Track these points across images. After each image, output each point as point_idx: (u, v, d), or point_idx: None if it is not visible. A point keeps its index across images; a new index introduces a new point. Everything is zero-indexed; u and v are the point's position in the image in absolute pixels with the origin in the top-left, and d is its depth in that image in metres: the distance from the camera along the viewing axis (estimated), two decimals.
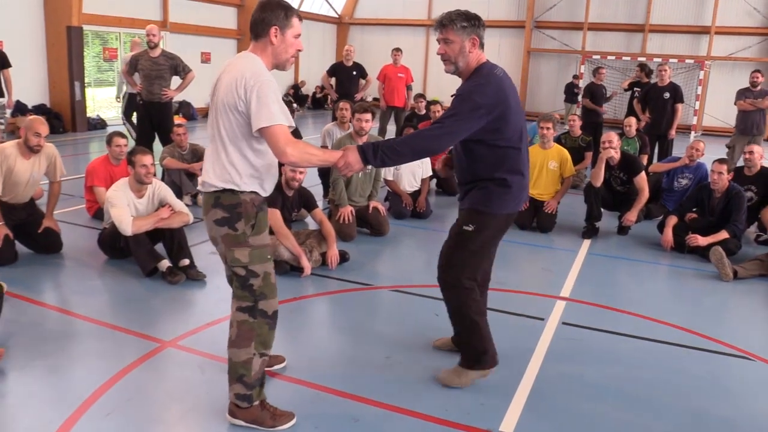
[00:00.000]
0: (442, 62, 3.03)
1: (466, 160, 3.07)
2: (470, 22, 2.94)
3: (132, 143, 7.49)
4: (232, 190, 2.60)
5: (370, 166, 5.89)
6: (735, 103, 8.88)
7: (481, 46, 2.99)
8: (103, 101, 14.68)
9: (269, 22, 2.60)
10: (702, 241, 5.61)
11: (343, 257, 5.08)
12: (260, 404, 2.81)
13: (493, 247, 3.22)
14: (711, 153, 7.36)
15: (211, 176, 2.62)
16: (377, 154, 2.76)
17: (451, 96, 3.00)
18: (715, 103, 17.75)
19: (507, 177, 3.00)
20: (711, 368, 3.62)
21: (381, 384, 3.24)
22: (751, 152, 6.34)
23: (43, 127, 4.84)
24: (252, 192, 2.65)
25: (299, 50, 2.71)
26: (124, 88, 9.97)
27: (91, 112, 13.33)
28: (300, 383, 3.23)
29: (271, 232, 4.84)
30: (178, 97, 12.47)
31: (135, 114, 9.44)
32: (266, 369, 3.24)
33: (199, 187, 2.79)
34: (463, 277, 3.08)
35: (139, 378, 3.20)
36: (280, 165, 5.23)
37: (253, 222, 2.65)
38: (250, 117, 2.52)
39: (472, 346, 3.20)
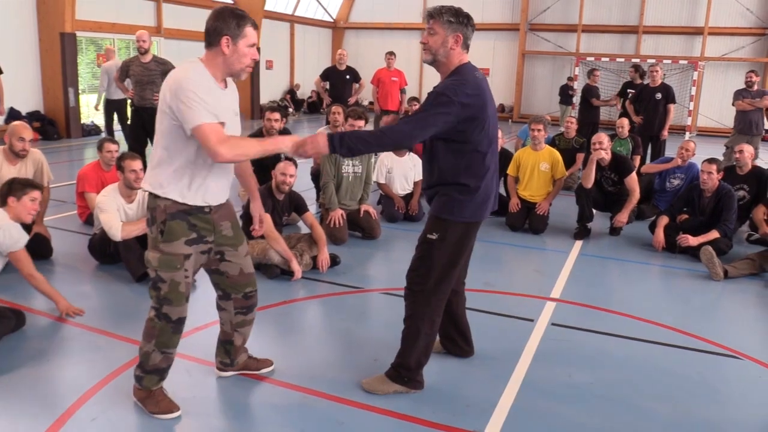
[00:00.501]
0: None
1: (429, 163, 3.01)
2: (458, 18, 2.90)
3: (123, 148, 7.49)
4: (154, 194, 2.68)
5: (360, 169, 5.87)
6: (733, 104, 8.90)
7: (466, 46, 2.95)
8: None
9: (221, 31, 2.59)
10: (693, 241, 5.62)
11: (334, 261, 5.08)
12: (151, 392, 2.92)
13: (461, 256, 3.07)
14: (706, 153, 7.36)
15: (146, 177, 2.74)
16: (343, 142, 2.69)
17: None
18: (710, 104, 17.82)
19: (470, 183, 2.92)
20: (700, 368, 3.63)
21: None
22: (741, 151, 6.37)
23: (27, 132, 4.85)
24: (166, 199, 2.67)
25: (255, 59, 2.69)
26: (103, 95, 10.24)
27: (86, 119, 13.33)
28: (287, 386, 3.23)
29: (262, 236, 4.85)
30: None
31: (115, 116, 10.19)
32: (254, 373, 3.27)
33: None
34: (427, 285, 3.01)
35: (126, 382, 3.18)
36: (269, 170, 5.25)
37: (162, 228, 2.68)
38: (181, 123, 2.55)
39: (408, 363, 3.10)
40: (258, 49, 2.73)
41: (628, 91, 10.17)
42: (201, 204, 2.73)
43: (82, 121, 12.78)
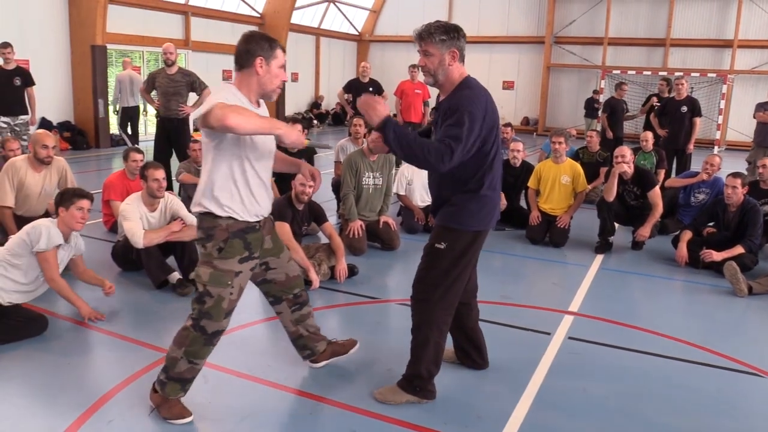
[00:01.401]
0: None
1: (439, 174, 2.99)
2: (449, 35, 2.88)
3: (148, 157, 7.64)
4: (213, 215, 2.76)
5: (381, 181, 5.88)
6: (754, 116, 8.77)
7: (462, 58, 2.94)
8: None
9: (254, 52, 2.71)
10: (717, 256, 5.52)
11: (352, 271, 5.11)
12: (167, 398, 2.94)
13: (468, 266, 3.06)
14: (733, 168, 7.21)
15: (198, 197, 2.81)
16: (396, 128, 2.74)
17: (433, 109, 3.00)
18: (739, 118, 17.52)
19: (480, 192, 2.94)
20: (720, 384, 3.56)
21: None
22: (764, 166, 6.25)
23: (50, 139, 4.99)
24: (228, 218, 2.76)
25: (284, 80, 2.82)
26: (118, 104, 11.55)
27: (114, 129, 13.61)
28: (301, 394, 3.26)
29: None
30: (198, 114, 12.89)
31: (129, 124, 11.72)
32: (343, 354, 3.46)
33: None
34: (434, 295, 3.01)
35: (144, 386, 3.24)
36: (289, 180, 5.32)
37: (222, 246, 2.77)
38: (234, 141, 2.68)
39: (419, 372, 3.10)
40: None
41: (653, 97, 10.08)
42: (254, 220, 2.85)
43: (111, 132, 13.07)
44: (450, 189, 2.98)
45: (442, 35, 2.89)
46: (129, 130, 11.89)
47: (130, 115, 11.48)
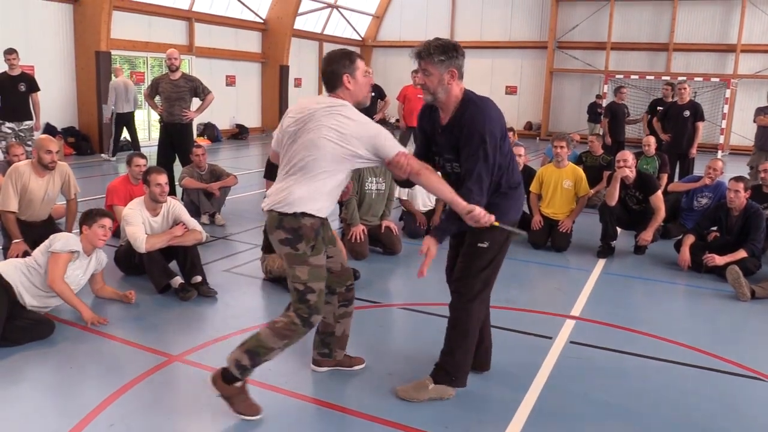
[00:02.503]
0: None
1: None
2: (447, 54, 2.92)
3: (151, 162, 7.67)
4: (301, 213, 2.84)
5: (383, 186, 5.91)
6: (755, 121, 8.77)
7: (461, 76, 2.99)
8: None
9: (339, 72, 2.91)
10: (719, 260, 5.51)
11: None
12: (242, 386, 2.99)
13: (503, 258, 3.23)
14: (737, 172, 7.21)
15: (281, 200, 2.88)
16: (443, 233, 3.06)
17: (441, 130, 3.05)
18: (742, 122, 17.50)
19: (510, 191, 3.11)
20: (721, 389, 3.55)
21: (381, 400, 3.25)
22: (766, 170, 6.24)
23: (53, 144, 5.02)
24: (313, 217, 2.88)
25: (371, 83, 3.05)
26: (111, 108, 11.74)
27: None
28: (302, 398, 3.26)
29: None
30: (202, 119, 13.41)
31: (126, 130, 11.95)
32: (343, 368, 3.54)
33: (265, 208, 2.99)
34: (473, 289, 3.14)
35: (145, 391, 3.26)
36: None
37: (314, 243, 2.91)
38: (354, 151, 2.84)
39: (456, 360, 3.22)
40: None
41: (658, 108, 10.09)
42: (326, 216, 3.01)
43: (133, 139, 13.10)
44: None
45: (440, 56, 2.92)
46: (128, 136, 12.08)
47: (126, 120, 11.74)
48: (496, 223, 2.88)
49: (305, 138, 2.83)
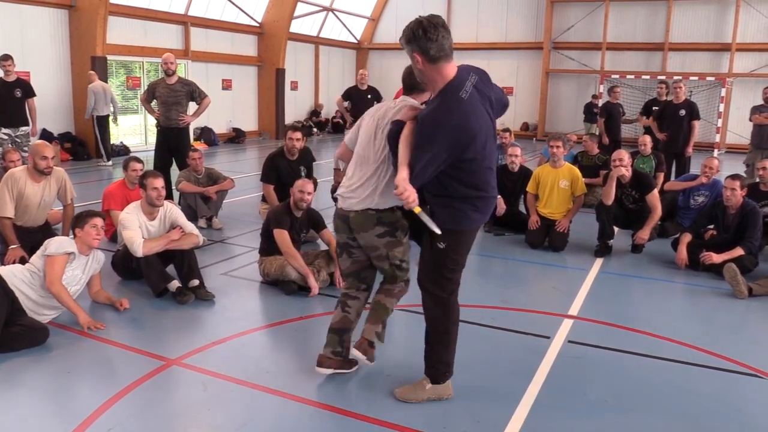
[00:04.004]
0: None
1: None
2: (408, 38, 2.76)
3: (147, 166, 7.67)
4: (396, 207, 3.15)
5: None
6: (750, 119, 8.79)
7: (433, 58, 2.74)
8: (127, 129, 15.07)
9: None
10: (716, 258, 5.52)
11: None
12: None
13: (466, 256, 3.20)
14: (733, 170, 7.23)
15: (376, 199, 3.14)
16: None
17: None
18: (738, 121, 17.52)
19: (470, 194, 2.97)
20: (719, 386, 3.56)
21: (380, 401, 3.25)
22: (764, 168, 6.26)
23: (49, 150, 5.02)
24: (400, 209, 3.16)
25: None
26: (92, 111, 11.79)
27: (115, 140, 13.66)
28: (300, 401, 3.25)
29: (280, 253, 4.91)
30: (199, 123, 13.42)
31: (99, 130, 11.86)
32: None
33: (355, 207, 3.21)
34: (451, 292, 3.16)
35: (143, 395, 3.26)
36: (289, 187, 5.34)
37: (407, 231, 3.29)
38: None
39: (442, 358, 3.23)
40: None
41: (654, 108, 10.12)
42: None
43: (111, 142, 13.08)
44: (445, 191, 2.99)
45: (404, 41, 2.80)
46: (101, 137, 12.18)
47: (102, 124, 11.90)
48: (417, 210, 2.85)
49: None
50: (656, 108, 9.93)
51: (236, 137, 16.86)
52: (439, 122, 2.78)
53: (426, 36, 2.72)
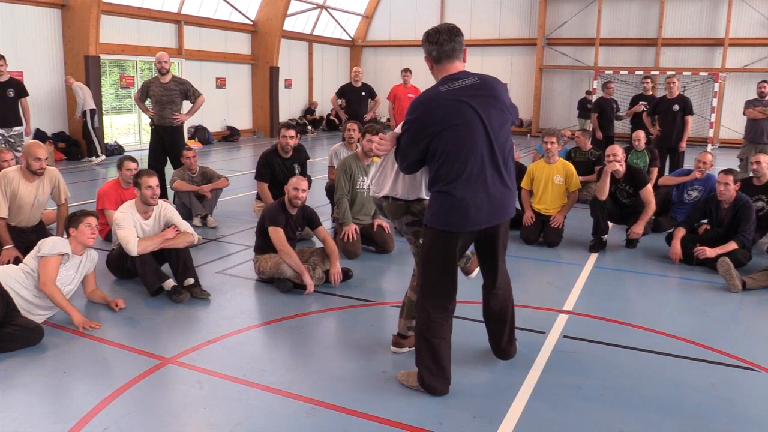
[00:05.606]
0: None
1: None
2: (424, 42, 3.15)
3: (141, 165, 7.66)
4: (419, 199, 3.38)
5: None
6: (744, 113, 8.83)
7: (438, 59, 3.09)
8: (121, 128, 15.03)
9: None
10: (710, 252, 5.55)
11: (347, 274, 5.11)
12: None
13: (449, 266, 3.14)
14: (726, 165, 7.27)
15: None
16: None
17: None
18: (732, 115, 17.62)
19: (446, 191, 2.98)
20: (713, 380, 3.58)
21: (375, 398, 3.26)
22: (758, 162, 6.28)
23: (42, 151, 5.01)
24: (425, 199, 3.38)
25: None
26: (80, 108, 11.97)
27: (109, 139, 13.64)
28: (296, 398, 3.26)
29: (275, 251, 4.91)
30: (193, 122, 13.44)
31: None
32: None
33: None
34: (423, 295, 3.21)
35: (139, 394, 3.25)
36: (283, 185, 5.35)
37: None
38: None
39: (420, 365, 3.26)
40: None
41: (640, 102, 10.15)
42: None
43: (105, 142, 13.07)
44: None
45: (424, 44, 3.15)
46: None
47: (93, 117, 12.11)
48: (376, 159, 3.04)
49: None
50: (645, 103, 9.97)
51: (230, 136, 16.83)
52: (411, 109, 3.09)
53: (428, 40, 3.10)
